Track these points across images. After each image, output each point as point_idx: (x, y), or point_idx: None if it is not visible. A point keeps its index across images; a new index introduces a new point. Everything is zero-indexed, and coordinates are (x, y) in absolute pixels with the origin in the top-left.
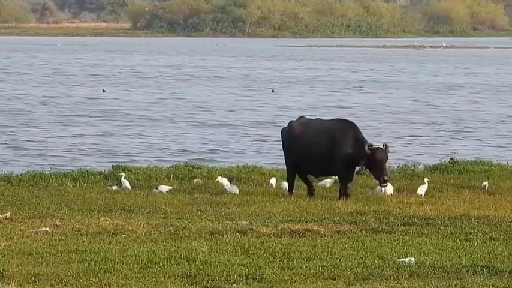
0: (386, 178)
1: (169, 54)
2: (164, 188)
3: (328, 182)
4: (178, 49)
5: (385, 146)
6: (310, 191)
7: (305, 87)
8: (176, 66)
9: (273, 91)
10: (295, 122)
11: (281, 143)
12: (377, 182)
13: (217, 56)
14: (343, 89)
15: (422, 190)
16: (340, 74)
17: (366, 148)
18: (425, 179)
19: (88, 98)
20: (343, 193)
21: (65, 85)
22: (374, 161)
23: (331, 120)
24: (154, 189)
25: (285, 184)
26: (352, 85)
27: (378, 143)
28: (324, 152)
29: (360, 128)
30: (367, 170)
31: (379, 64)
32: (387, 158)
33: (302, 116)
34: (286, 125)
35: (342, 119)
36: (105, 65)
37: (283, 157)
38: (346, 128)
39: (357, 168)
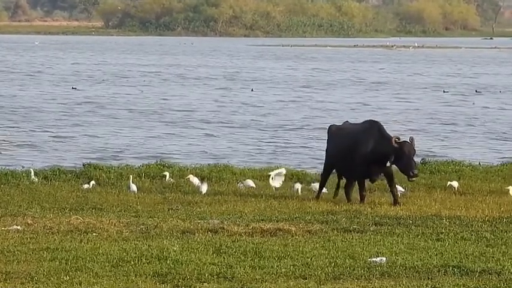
0: (415, 172)
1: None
2: (250, 183)
3: (299, 186)
4: (146, 48)
5: (412, 139)
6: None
7: (282, 85)
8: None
9: (252, 90)
10: (334, 125)
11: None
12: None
13: (187, 56)
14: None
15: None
16: (315, 72)
17: (393, 142)
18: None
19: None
20: (361, 195)
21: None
22: (402, 155)
23: (361, 122)
24: (240, 184)
25: (315, 185)
26: (325, 84)
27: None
28: (350, 154)
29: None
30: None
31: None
32: (415, 151)
33: (347, 121)
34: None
35: (368, 120)
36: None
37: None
38: (370, 128)
39: (388, 163)
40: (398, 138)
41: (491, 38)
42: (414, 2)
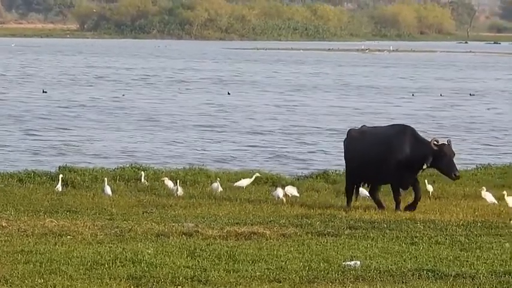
0: (457, 173)
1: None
2: (289, 190)
3: (244, 182)
4: (120, 51)
5: (449, 141)
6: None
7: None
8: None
9: (228, 93)
10: (354, 130)
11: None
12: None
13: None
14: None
15: (364, 192)
16: (290, 76)
17: (432, 145)
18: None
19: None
20: (396, 200)
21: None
22: (442, 157)
23: (388, 126)
24: (274, 192)
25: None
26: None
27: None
28: (382, 160)
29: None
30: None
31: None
32: (454, 153)
33: (364, 125)
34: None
35: (398, 124)
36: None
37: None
38: (403, 132)
39: (425, 166)
40: (437, 141)
41: (466, 42)
42: (389, 6)
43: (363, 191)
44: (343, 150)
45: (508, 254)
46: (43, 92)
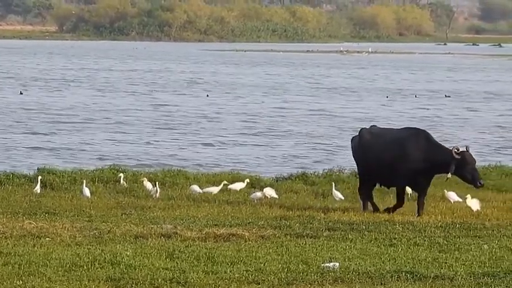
0: (482, 182)
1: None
2: (268, 192)
3: (215, 189)
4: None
5: (468, 148)
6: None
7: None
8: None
9: (207, 96)
10: (366, 130)
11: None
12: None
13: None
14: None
15: (338, 195)
16: (271, 78)
17: (453, 153)
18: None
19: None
20: (419, 204)
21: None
22: (465, 165)
23: (403, 128)
24: (252, 194)
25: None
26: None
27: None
28: (397, 162)
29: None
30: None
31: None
32: (475, 160)
33: (374, 125)
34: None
35: (412, 128)
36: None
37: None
38: (418, 136)
39: (449, 175)
40: (458, 149)
41: (445, 44)
42: (368, 7)
43: (338, 194)
44: (351, 149)
45: (487, 255)
46: (20, 93)
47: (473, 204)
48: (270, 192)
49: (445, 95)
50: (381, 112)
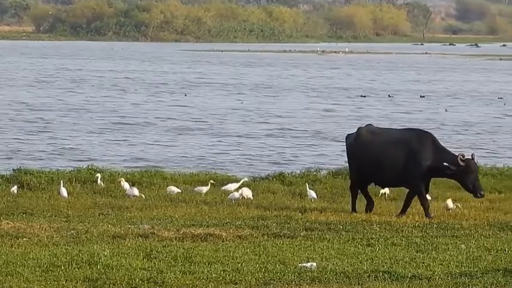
0: (483, 193)
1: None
2: (245, 192)
3: (204, 188)
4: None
5: (473, 156)
6: (370, 206)
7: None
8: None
9: (185, 95)
10: (364, 129)
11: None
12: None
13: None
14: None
15: (311, 194)
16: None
17: (459, 160)
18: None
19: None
20: (424, 206)
21: None
22: (469, 174)
23: (405, 129)
24: (230, 195)
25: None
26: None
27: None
28: (399, 163)
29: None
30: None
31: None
32: (477, 169)
33: (370, 124)
34: (354, 132)
35: (417, 129)
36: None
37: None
38: (423, 137)
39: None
40: (463, 156)
41: (421, 44)
42: (345, 7)
43: (311, 193)
44: (345, 147)
45: (464, 255)
46: None
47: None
48: (246, 192)
49: (420, 96)
50: (354, 112)
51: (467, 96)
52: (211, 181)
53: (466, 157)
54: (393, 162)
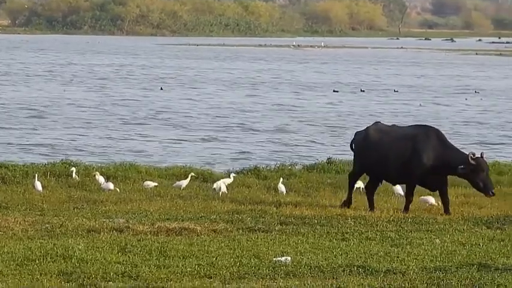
0: (493, 192)
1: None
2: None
3: (184, 182)
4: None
5: (482, 155)
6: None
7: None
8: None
9: (161, 88)
10: (372, 127)
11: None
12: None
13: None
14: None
15: (281, 189)
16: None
17: (469, 159)
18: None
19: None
20: (445, 202)
21: None
22: (479, 172)
23: (413, 126)
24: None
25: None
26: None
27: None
28: (406, 159)
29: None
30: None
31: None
32: (488, 167)
33: (378, 122)
34: (363, 130)
35: (424, 125)
36: None
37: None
38: (429, 133)
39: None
40: (474, 154)
41: (397, 38)
42: (321, 2)
43: (281, 187)
44: (353, 144)
45: (438, 250)
46: None
47: (397, 189)
48: (222, 187)
49: (394, 90)
50: (330, 107)
51: (443, 90)
52: (192, 174)
53: (477, 156)
54: (400, 159)
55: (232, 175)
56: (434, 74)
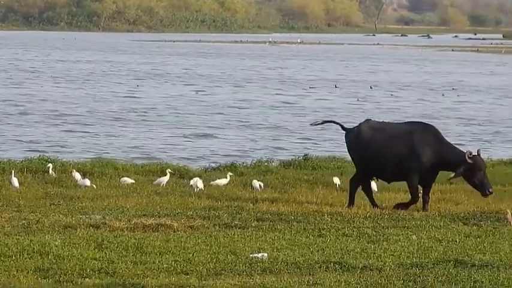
0: (491, 190)
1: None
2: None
3: (164, 179)
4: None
5: (479, 152)
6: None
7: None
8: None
9: (138, 86)
10: (365, 124)
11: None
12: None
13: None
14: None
15: (255, 185)
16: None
17: (467, 157)
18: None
19: None
20: (426, 199)
21: None
22: (476, 171)
23: (408, 123)
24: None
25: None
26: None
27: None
28: (402, 157)
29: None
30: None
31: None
32: (485, 165)
33: (369, 119)
34: (355, 127)
35: (419, 122)
36: None
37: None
38: (426, 130)
39: (452, 174)
40: (471, 153)
41: (373, 35)
42: None
43: (256, 183)
44: (346, 143)
45: (415, 246)
46: None
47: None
48: (199, 183)
49: (370, 87)
50: (302, 103)
51: (420, 86)
52: (169, 170)
53: (474, 154)
54: (397, 157)
55: (229, 174)
56: (411, 70)
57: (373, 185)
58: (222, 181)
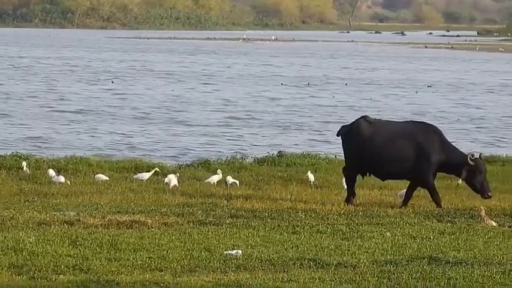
0: (490, 194)
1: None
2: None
3: (146, 175)
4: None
5: (481, 156)
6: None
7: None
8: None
9: (112, 82)
10: (363, 121)
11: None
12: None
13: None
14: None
15: (214, 179)
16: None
17: (469, 159)
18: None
19: None
20: (409, 197)
21: None
22: (477, 174)
23: (410, 122)
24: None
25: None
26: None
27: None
28: (404, 156)
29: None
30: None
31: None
32: (485, 169)
33: (366, 116)
34: (350, 123)
35: (421, 122)
36: None
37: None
38: (428, 130)
39: (459, 180)
40: (473, 155)
41: (348, 32)
42: None
43: (229, 179)
44: (340, 139)
45: (389, 243)
46: None
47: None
48: (173, 180)
49: (346, 84)
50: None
51: (394, 84)
52: (156, 169)
53: (476, 157)
54: (401, 157)
55: (219, 171)
56: (384, 67)
57: (311, 176)
58: (215, 178)
